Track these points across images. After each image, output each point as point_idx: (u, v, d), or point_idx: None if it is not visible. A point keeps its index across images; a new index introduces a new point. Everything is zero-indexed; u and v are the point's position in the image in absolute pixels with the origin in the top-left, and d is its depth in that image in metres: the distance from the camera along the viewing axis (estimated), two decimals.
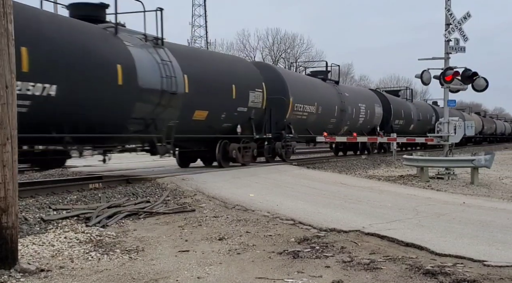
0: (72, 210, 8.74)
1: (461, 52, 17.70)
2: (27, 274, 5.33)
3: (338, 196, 11.80)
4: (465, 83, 17.63)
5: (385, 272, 5.51)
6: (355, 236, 7.39)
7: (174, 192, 11.24)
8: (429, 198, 11.99)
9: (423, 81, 18.16)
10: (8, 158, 5.32)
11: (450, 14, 17.39)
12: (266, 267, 5.73)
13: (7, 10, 5.31)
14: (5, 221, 5.30)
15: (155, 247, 6.72)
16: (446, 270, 5.54)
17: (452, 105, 18.73)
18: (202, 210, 9.52)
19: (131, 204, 9.66)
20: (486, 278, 5.31)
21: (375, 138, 25.79)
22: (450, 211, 9.91)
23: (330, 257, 6.16)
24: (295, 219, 8.58)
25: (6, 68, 5.30)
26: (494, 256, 6.23)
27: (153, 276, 5.40)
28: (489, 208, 10.60)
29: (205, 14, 71.56)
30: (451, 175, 16.95)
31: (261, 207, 9.79)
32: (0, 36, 5.25)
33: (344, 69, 74.85)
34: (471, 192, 14.03)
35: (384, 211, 9.70)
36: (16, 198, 5.46)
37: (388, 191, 13.29)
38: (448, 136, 17.98)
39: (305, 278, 5.31)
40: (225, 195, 11.04)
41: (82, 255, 6.20)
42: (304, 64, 41.80)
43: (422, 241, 6.91)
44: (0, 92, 5.25)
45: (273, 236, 7.37)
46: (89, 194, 10.31)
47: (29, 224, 7.63)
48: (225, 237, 7.27)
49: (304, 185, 13.78)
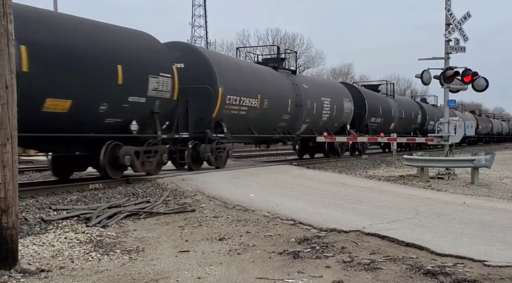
0: (72, 210, 8.74)
1: (461, 52, 17.69)
2: (28, 274, 5.33)
3: (338, 196, 11.80)
4: (465, 83, 17.62)
5: (385, 272, 5.51)
6: (355, 236, 7.38)
7: (174, 192, 11.25)
8: (429, 198, 11.99)
9: (423, 81, 18.16)
10: (8, 158, 5.31)
11: (450, 14, 17.39)
12: (266, 267, 5.73)
13: (7, 10, 5.31)
14: (5, 221, 5.30)
15: (155, 247, 6.71)
16: (446, 270, 5.54)
17: (452, 105, 18.73)
18: (202, 210, 9.52)
19: (131, 204, 9.66)
20: (487, 278, 5.31)
21: (375, 138, 25.59)
22: (450, 211, 9.91)
23: (331, 257, 6.16)
24: (295, 219, 8.58)
25: (6, 68, 5.30)
26: (494, 256, 6.23)
27: (153, 276, 5.40)
28: (489, 208, 10.59)
29: (205, 15, 71.67)
30: (451, 175, 16.95)
31: (261, 207, 9.78)
32: (0, 36, 5.25)
33: (344, 69, 74.91)
34: (471, 192, 14.03)
35: (384, 211, 9.69)
36: (16, 198, 5.46)
37: (388, 191, 13.28)
38: (448, 136, 17.96)
39: (305, 278, 5.31)
40: (225, 195, 11.04)
41: (83, 255, 6.20)
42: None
43: (423, 241, 6.91)
44: (0, 93, 5.25)
45: (274, 236, 7.36)
46: (89, 194, 10.32)
47: (29, 224, 7.63)
48: (225, 237, 7.26)
49: (304, 185, 13.78)
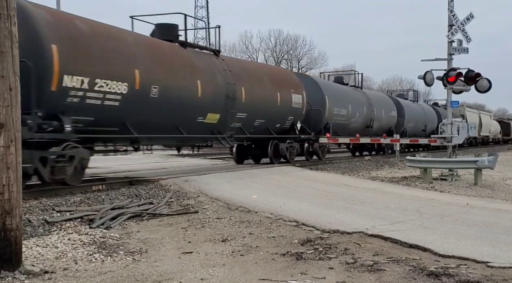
0: (76, 212, 8.76)
1: (464, 53, 17.67)
2: (31, 276, 5.34)
3: (341, 197, 11.79)
4: (468, 84, 17.60)
5: (388, 274, 5.51)
6: (358, 237, 7.38)
7: (177, 193, 11.26)
8: (432, 199, 11.98)
9: (426, 82, 18.12)
10: (12, 160, 5.33)
11: (453, 15, 17.37)
12: (269, 269, 5.73)
13: (11, 13, 5.34)
14: (9, 223, 5.31)
15: (159, 249, 6.72)
16: (449, 271, 5.54)
17: (455, 106, 18.70)
18: (205, 212, 9.53)
19: (135, 205, 9.68)
20: (490, 279, 5.30)
21: (378, 140, 25.57)
22: (453, 212, 9.90)
23: (334, 258, 6.16)
24: (298, 220, 8.58)
25: (10, 71, 5.32)
26: (497, 257, 6.22)
27: (157, 277, 5.41)
28: (492, 209, 10.58)
29: (207, 16, 71.69)
30: (454, 176, 16.92)
31: (264, 208, 9.79)
32: (4, 39, 5.27)
33: (346, 70, 74.87)
34: (474, 193, 14.00)
35: (387, 212, 9.69)
36: (20, 200, 5.47)
37: (391, 192, 13.27)
38: (451, 137, 17.94)
39: (308, 279, 5.31)
40: (228, 196, 11.04)
41: (86, 256, 6.21)
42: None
43: (426, 242, 6.91)
44: (4, 95, 5.27)
45: (276, 238, 7.37)
46: (92, 196, 10.33)
47: (33, 226, 7.64)
48: (228, 239, 7.27)
49: (307, 186, 13.77)
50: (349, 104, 24.98)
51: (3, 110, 5.27)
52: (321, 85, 23.12)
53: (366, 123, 27.29)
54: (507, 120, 65.56)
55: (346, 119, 24.70)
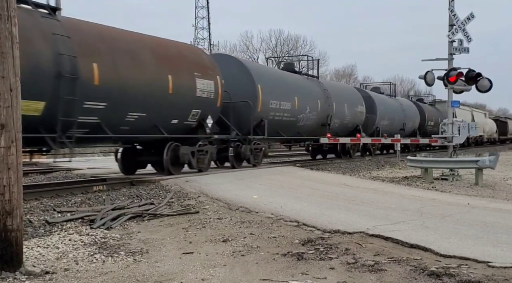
0: (77, 212, 8.77)
1: (464, 53, 17.68)
2: (32, 276, 5.34)
3: (342, 198, 11.79)
4: (468, 84, 17.59)
5: (389, 274, 5.51)
6: (359, 237, 7.38)
7: (178, 193, 11.26)
8: (433, 199, 11.97)
9: (427, 82, 18.12)
10: (13, 160, 5.33)
11: (454, 15, 17.37)
12: (270, 269, 5.73)
13: (11, 14, 5.34)
14: (10, 223, 5.32)
15: (160, 249, 6.72)
16: (450, 271, 5.53)
17: (456, 105, 18.69)
18: (206, 212, 9.53)
19: (135, 206, 9.68)
20: (491, 279, 5.30)
21: (378, 140, 25.60)
22: (454, 212, 9.89)
23: (335, 258, 6.15)
24: (299, 221, 8.58)
25: (11, 71, 5.32)
26: (498, 257, 6.22)
27: (158, 278, 5.41)
28: (493, 209, 10.57)
29: (208, 16, 71.76)
30: (455, 176, 16.91)
31: (265, 208, 9.79)
32: (5, 39, 5.28)
33: (347, 71, 74.86)
34: (475, 193, 13.99)
35: (388, 212, 9.68)
36: (21, 200, 5.47)
37: (392, 192, 13.26)
38: (452, 137, 17.93)
39: (309, 279, 5.31)
40: (229, 196, 11.04)
41: (87, 257, 6.21)
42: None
43: (427, 242, 6.90)
44: (4, 96, 5.27)
45: (277, 238, 7.36)
46: (93, 196, 10.34)
47: (34, 227, 7.65)
48: (229, 239, 7.27)
49: (308, 186, 13.77)
50: (295, 96, 19.91)
51: (4, 111, 5.27)
52: (251, 70, 17.68)
53: (322, 121, 22.34)
54: (504, 119, 63.20)
55: (291, 115, 19.71)
